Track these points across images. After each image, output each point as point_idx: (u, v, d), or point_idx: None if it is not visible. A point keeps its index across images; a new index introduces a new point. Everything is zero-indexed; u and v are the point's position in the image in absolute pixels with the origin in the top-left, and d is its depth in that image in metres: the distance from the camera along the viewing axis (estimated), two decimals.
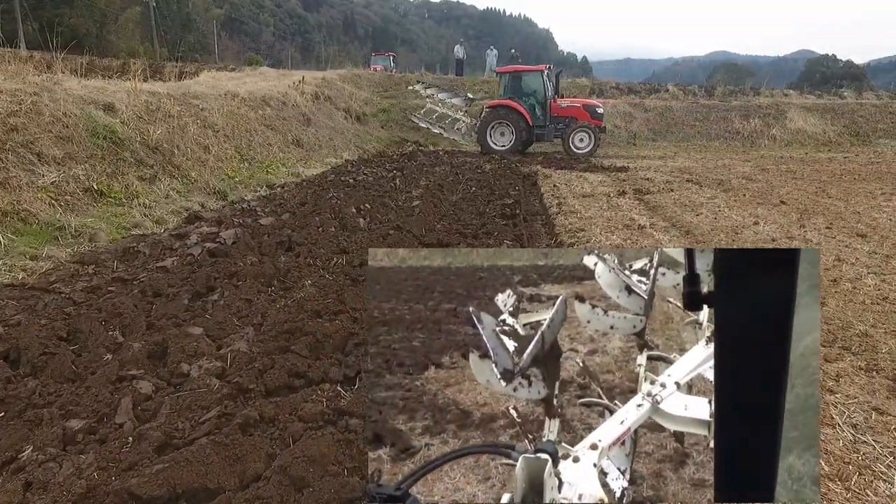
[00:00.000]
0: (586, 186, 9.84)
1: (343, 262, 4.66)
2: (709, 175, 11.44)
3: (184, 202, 7.30)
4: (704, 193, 9.06)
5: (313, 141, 13.85)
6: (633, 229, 6.48)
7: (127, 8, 53.90)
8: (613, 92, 21.70)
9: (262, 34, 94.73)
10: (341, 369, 2.86)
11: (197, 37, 63.80)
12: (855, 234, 6.16)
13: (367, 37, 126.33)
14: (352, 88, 20.83)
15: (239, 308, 3.63)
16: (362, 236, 5.62)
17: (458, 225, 6.32)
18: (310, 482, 1.93)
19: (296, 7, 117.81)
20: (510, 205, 7.68)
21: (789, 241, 5.93)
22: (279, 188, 9.10)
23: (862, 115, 19.52)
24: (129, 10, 54.05)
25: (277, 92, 14.68)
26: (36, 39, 37.40)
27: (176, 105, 9.59)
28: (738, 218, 7.06)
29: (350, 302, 3.63)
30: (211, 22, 69.20)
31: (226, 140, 10.13)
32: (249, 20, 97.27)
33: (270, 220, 6.40)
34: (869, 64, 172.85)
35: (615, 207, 7.83)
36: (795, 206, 7.86)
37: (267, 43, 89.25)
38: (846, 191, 9.26)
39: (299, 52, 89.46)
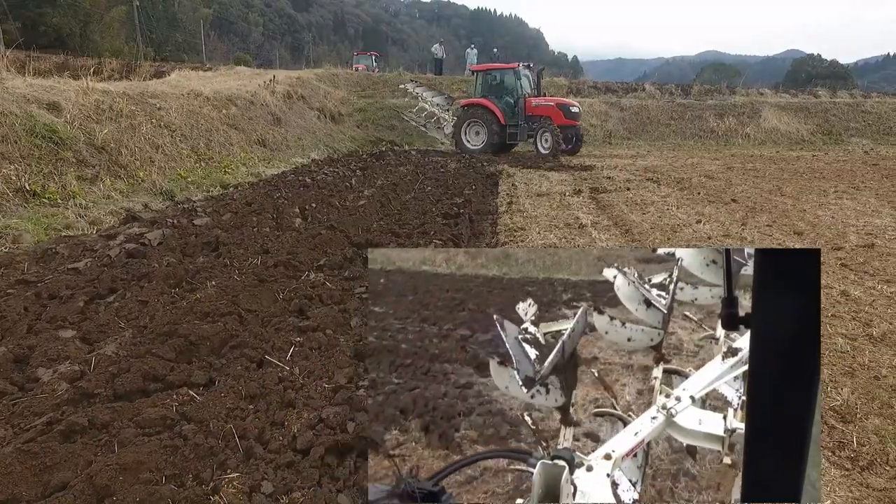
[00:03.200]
0: (545, 185, 9.81)
1: (259, 262, 4.60)
2: (672, 174, 11.45)
3: (126, 203, 7.20)
4: (660, 192, 9.05)
5: (280, 140, 13.75)
6: (573, 228, 6.45)
7: (113, 7, 53.48)
8: (591, 91, 21.71)
9: (252, 34, 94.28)
10: (208, 373, 2.79)
11: (185, 36, 63.40)
12: (792, 232, 6.16)
13: (357, 36, 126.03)
14: (328, 88, 20.74)
15: (131, 310, 3.56)
16: (291, 237, 5.55)
17: (396, 224, 6.26)
18: (114, 491, 1.87)
19: (285, 7, 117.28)
20: (459, 204, 7.63)
21: (724, 238, 5.92)
22: (232, 188, 9.00)
23: (835, 114, 19.63)
24: (114, 9, 53.62)
25: (246, 91, 14.58)
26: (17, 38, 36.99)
27: (130, 104, 9.48)
28: (683, 216, 7.05)
29: (244, 303, 3.57)
30: (199, 22, 68.78)
31: (182, 139, 10.02)
32: (238, 20, 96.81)
33: (207, 220, 6.31)
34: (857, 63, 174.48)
35: (564, 206, 7.80)
36: (745, 205, 7.86)
37: (256, 43, 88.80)
38: (801, 189, 9.28)
39: (289, 52, 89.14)
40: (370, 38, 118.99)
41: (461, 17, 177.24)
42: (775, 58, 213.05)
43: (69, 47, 38.85)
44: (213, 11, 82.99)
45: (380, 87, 22.56)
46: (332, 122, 18.63)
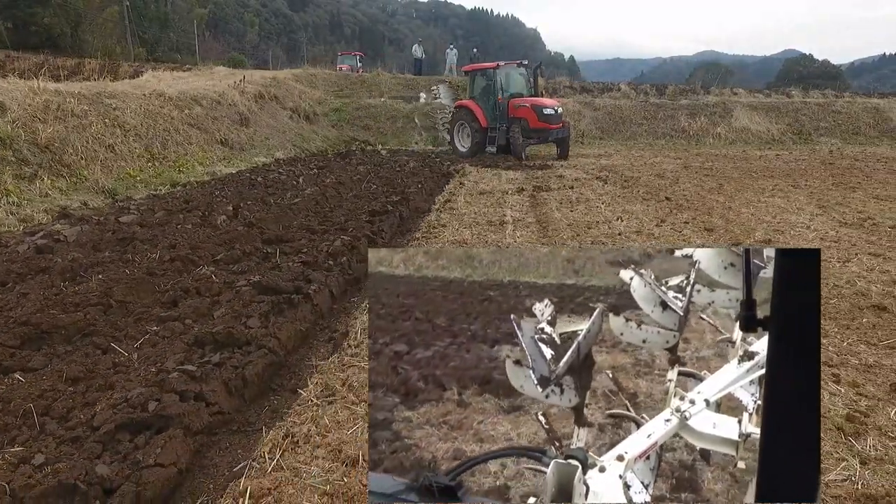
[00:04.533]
0: (492, 184, 9.96)
1: (158, 257, 4.74)
2: (626, 172, 11.60)
3: (64, 201, 7.35)
4: (601, 190, 9.20)
5: (246, 140, 13.89)
6: (493, 225, 6.60)
7: (106, 8, 53.58)
8: (567, 91, 21.85)
9: (247, 34, 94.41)
10: (50, 359, 2.94)
11: (179, 36, 63.48)
12: (704, 229, 6.31)
13: (353, 36, 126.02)
14: (304, 88, 20.87)
15: (7, 301, 3.70)
16: (206, 233, 5.71)
17: (316, 222, 6.41)
18: None
19: (281, 7, 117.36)
20: (394, 202, 7.78)
21: (635, 234, 6.07)
22: (181, 187, 9.15)
23: (805, 114, 19.78)
24: (108, 9, 53.73)
25: (214, 91, 14.71)
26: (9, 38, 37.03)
27: (83, 105, 9.63)
28: (607, 214, 7.20)
29: (118, 295, 3.73)
30: (193, 22, 68.85)
31: (136, 139, 10.17)
32: (234, 20, 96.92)
33: (134, 217, 6.47)
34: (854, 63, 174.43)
35: (498, 204, 7.95)
36: (676, 202, 8.01)
37: (252, 43, 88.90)
38: (741, 187, 9.43)
39: (285, 52, 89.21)
40: (367, 38, 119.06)
41: (458, 17, 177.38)
42: (772, 58, 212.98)
43: (60, 47, 38.98)
44: (208, 11, 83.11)
45: (357, 87, 22.71)
46: (306, 121, 18.76)
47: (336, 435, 2.33)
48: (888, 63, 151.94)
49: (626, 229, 6.29)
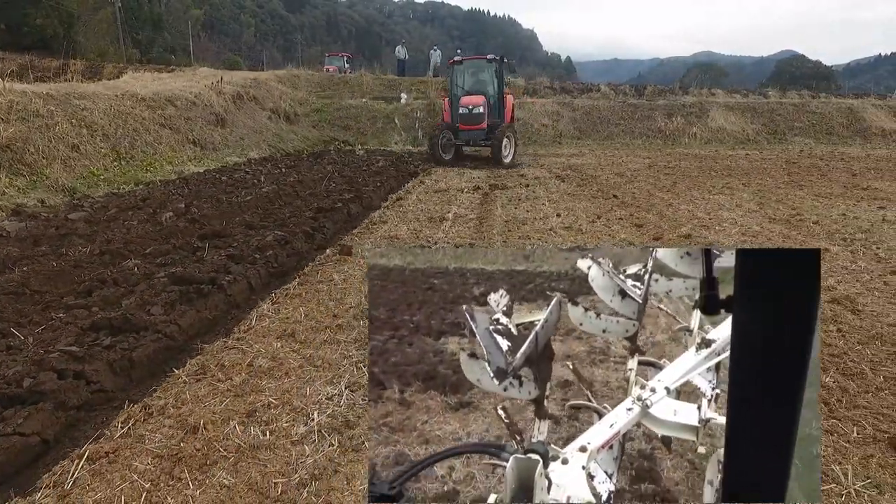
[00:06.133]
0: (452, 182, 10.17)
1: (89, 251, 4.95)
2: (589, 171, 11.81)
3: (21, 198, 7.55)
4: (555, 188, 9.41)
5: (219, 140, 14.10)
6: (433, 221, 6.81)
7: (100, 9, 53.78)
8: (546, 91, 22.09)
9: (243, 35, 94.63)
10: None
11: (174, 38, 63.68)
12: (634, 225, 6.52)
13: (350, 37, 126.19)
14: (286, 88, 21.09)
15: None
16: (147, 229, 5.91)
17: (259, 218, 6.61)
18: None
19: (278, 8, 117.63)
20: (345, 199, 7.97)
21: (565, 231, 6.28)
22: (143, 186, 9.36)
23: (780, 114, 20.02)
24: (102, 10, 53.93)
25: (190, 92, 14.91)
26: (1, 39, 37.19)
27: (49, 105, 9.82)
28: (547, 211, 7.41)
29: (34, 285, 3.92)
30: (187, 23, 69.05)
31: (103, 139, 10.37)
32: (230, 21, 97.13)
33: (84, 214, 6.68)
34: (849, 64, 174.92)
35: (448, 202, 8.16)
36: (621, 200, 8.22)
37: (248, 44, 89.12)
38: (693, 185, 9.65)
39: (280, 53, 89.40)
40: (363, 39, 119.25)
41: (455, 17, 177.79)
42: (768, 59, 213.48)
43: (53, 49, 39.17)
44: (204, 13, 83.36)
45: (340, 87, 22.93)
46: (285, 122, 18.97)
47: (189, 407, 2.53)
48: (883, 63, 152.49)
49: (558, 225, 6.50)
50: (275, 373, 2.85)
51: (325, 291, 4.15)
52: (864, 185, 9.53)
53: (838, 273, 4.55)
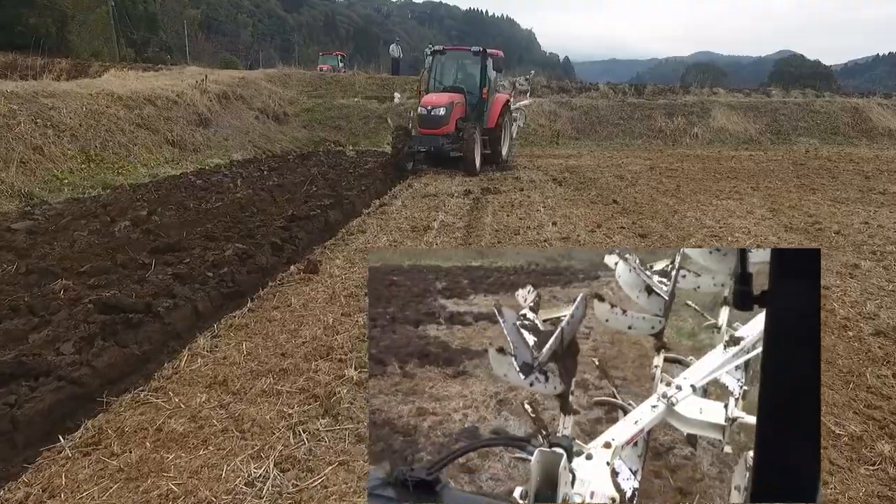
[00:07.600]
0: (443, 186, 9.55)
1: (14, 270, 4.33)
2: (587, 174, 11.21)
3: None
4: (551, 193, 8.80)
5: (201, 141, 13.47)
6: (417, 230, 6.20)
7: (96, 8, 53.14)
8: (544, 90, 21.46)
9: (241, 35, 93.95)
10: None
11: (170, 38, 63.05)
12: (638, 235, 5.92)
13: (348, 37, 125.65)
14: (276, 88, 20.47)
15: None
16: (94, 241, 5.29)
17: (223, 228, 5.99)
18: None
19: (275, 8, 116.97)
20: (324, 206, 7.36)
21: (562, 241, 5.67)
22: (110, 190, 8.72)
23: (784, 114, 19.41)
24: (97, 10, 53.28)
25: (171, 91, 14.28)
26: None
27: (12, 104, 9.20)
28: (543, 218, 6.80)
29: None
30: (183, 22, 68.39)
31: (71, 140, 9.74)
32: (227, 21, 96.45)
33: (29, 224, 6.07)
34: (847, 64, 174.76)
35: (436, 208, 7.54)
36: (623, 206, 7.63)
37: (245, 44, 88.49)
38: (699, 189, 9.05)
39: (278, 53, 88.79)
40: (361, 39, 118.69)
41: (453, 17, 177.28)
42: (767, 58, 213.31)
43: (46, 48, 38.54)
44: (200, 13, 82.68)
45: (332, 87, 22.31)
46: (274, 122, 18.34)
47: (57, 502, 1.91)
48: (881, 63, 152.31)
49: (554, 236, 5.89)
50: (189, 441, 2.23)
51: (278, 321, 3.53)
52: (880, 188, 8.95)
53: (875, 295, 3.94)
